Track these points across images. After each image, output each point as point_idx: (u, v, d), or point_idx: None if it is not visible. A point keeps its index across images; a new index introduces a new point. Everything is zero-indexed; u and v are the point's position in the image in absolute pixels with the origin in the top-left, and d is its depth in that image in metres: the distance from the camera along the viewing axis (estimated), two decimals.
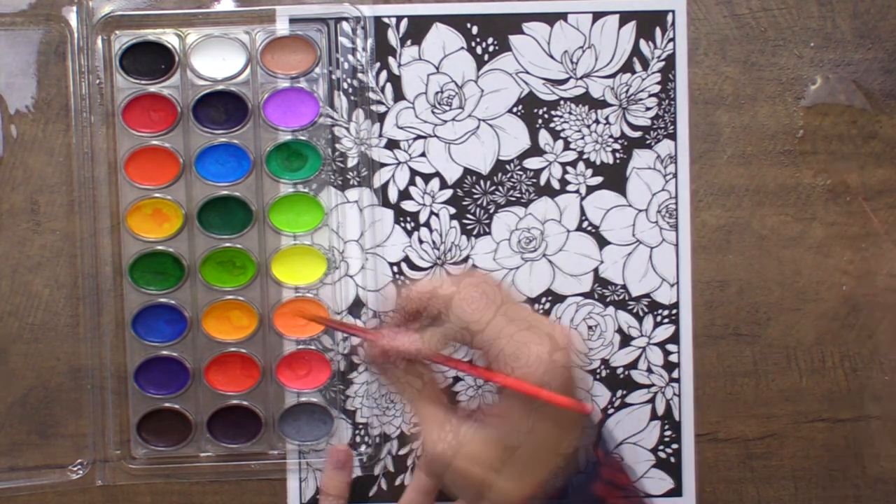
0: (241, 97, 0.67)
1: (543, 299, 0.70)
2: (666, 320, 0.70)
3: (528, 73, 0.69)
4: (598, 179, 0.69)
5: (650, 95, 0.69)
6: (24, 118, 0.68)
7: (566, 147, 0.69)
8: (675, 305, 0.70)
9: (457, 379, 0.70)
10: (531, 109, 0.69)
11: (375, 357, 0.59)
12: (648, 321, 0.70)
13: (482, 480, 0.57)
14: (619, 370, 0.70)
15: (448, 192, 0.69)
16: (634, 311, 0.70)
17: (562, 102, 0.69)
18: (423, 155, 0.69)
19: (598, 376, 0.70)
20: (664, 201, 0.69)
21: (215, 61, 0.68)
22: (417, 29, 0.69)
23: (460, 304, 0.57)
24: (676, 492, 0.70)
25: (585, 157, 0.69)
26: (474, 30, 0.69)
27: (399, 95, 0.69)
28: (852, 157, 0.69)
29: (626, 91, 0.69)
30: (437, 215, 0.69)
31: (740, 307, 0.70)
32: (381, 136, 0.69)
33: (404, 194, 0.69)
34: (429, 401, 0.59)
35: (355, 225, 0.69)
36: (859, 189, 0.69)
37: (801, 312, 0.70)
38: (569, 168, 0.69)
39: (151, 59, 0.67)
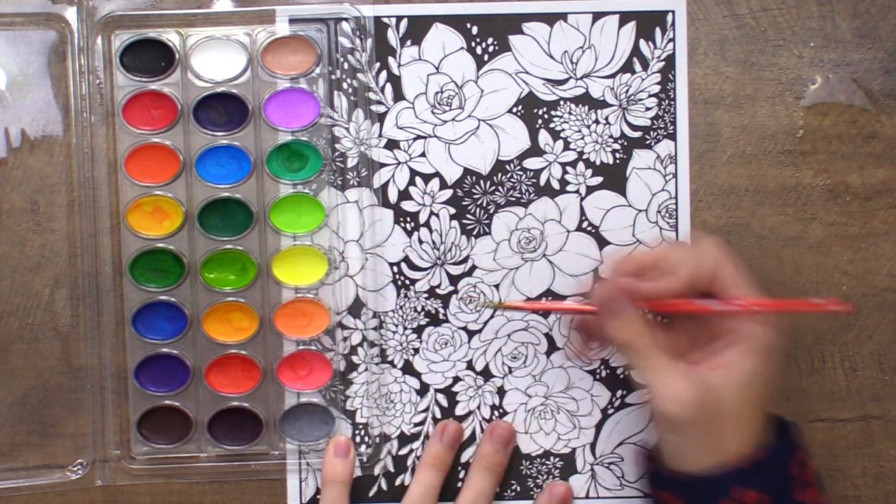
0: (241, 99, 0.67)
1: (543, 299, 0.70)
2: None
3: (527, 73, 0.69)
4: (598, 179, 0.69)
5: (650, 95, 0.69)
6: (23, 118, 0.68)
7: (566, 147, 0.69)
8: None
9: (456, 379, 0.70)
10: (531, 109, 0.69)
11: (609, 307, 0.62)
12: None
13: (721, 428, 0.59)
14: (619, 370, 0.70)
15: (448, 193, 0.69)
16: None
17: (562, 102, 0.69)
18: (422, 155, 0.69)
19: (598, 376, 0.70)
20: (664, 201, 0.69)
21: (216, 62, 0.68)
22: (417, 29, 0.69)
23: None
24: None
25: (585, 157, 0.69)
26: (474, 30, 0.69)
27: (399, 95, 0.69)
28: (852, 157, 0.69)
29: (626, 91, 0.69)
30: (436, 215, 0.69)
31: None
32: (380, 136, 0.69)
33: (404, 194, 0.69)
34: (660, 351, 0.61)
35: (355, 225, 0.69)
36: (859, 189, 0.69)
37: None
38: (569, 168, 0.69)
39: (152, 57, 0.67)
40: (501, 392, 0.70)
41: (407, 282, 0.69)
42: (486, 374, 0.70)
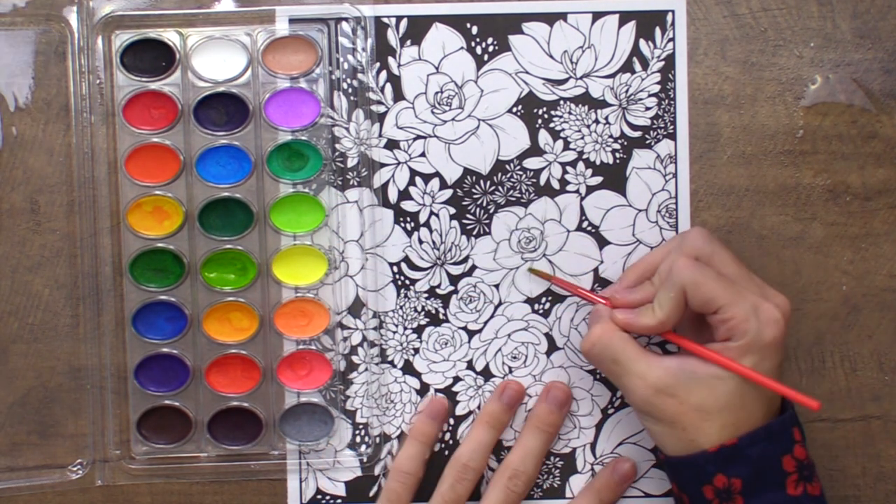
0: (241, 99, 0.67)
1: (543, 299, 0.70)
2: None
3: (527, 73, 0.69)
4: (598, 179, 0.69)
5: (650, 95, 0.69)
6: (24, 118, 0.68)
7: (566, 147, 0.69)
8: None
9: (456, 379, 0.70)
10: (531, 109, 0.69)
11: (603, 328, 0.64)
12: None
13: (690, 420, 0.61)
14: None
15: (448, 192, 0.69)
16: None
17: (561, 102, 0.69)
18: (422, 155, 0.69)
19: (598, 376, 0.70)
20: (664, 201, 0.69)
21: (216, 62, 0.68)
22: (417, 29, 0.69)
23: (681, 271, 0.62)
24: None
25: (585, 157, 0.69)
26: (474, 30, 0.69)
27: (399, 95, 0.69)
28: (852, 157, 0.69)
29: (626, 91, 0.69)
30: (436, 215, 0.69)
31: None
32: (380, 136, 0.69)
33: (404, 194, 0.69)
34: (630, 343, 0.63)
35: (355, 225, 0.69)
36: (859, 189, 0.69)
37: (801, 312, 0.69)
38: (569, 168, 0.69)
39: (152, 57, 0.67)
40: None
41: (407, 282, 0.69)
42: (486, 374, 0.70)
